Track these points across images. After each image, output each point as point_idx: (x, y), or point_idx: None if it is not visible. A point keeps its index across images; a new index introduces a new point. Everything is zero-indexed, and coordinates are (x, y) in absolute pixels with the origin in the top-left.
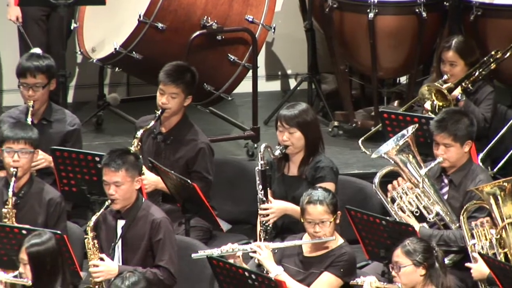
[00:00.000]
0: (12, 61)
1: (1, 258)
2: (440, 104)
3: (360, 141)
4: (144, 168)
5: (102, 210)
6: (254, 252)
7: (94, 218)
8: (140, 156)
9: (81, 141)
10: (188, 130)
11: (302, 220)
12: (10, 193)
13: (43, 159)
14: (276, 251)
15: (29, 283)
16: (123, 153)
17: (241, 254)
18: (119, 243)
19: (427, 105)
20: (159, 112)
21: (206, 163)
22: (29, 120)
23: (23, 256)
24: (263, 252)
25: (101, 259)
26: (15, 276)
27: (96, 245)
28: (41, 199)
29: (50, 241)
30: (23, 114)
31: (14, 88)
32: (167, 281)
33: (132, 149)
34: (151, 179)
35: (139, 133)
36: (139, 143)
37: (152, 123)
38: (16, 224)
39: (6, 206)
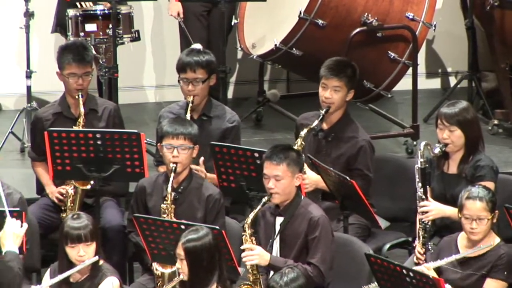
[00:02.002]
0: (173, 56)
1: (160, 253)
2: None
3: None
4: (306, 167)
5: (259, 207)
6: None
7: (251, 216)
8: (303, 154)
9: (240, 138)
10: (349, 127)
11: (459, 216)
12: (169, 189)
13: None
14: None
15: (184, 278)
16: (285, 149)
17: None
18: (277, 239)
19: None
20: (323, 112)
21: (367, 160)
22: (188, 115)
23: (180, 251)
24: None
25: None
26: (173, 272)
27: (254, 242)
28: (200, 195)
29: (207, 236)
30: (183, 109)
31: (175, 83)
32: (316, 279)
33: (295, 147)
34: (312, 178)
35: (303, 133)
36: (303, 142)
37: (316, 122)
38: (174, 219)
39: (165, 202)
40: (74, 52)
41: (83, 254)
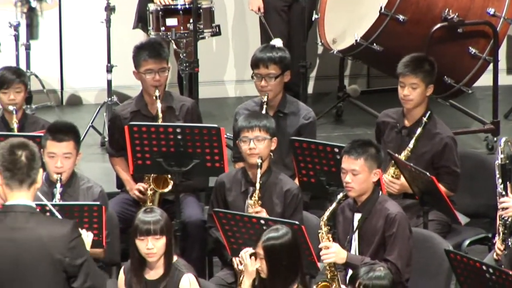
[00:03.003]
0: (254, 51)
1: (239, 248)
2: None
3: None
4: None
5: (334, 204)
6: None
7: (327, 213)
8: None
9: (315, 134)
10: (432, 123)
11: None
12: (257, 185)
13: None
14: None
15: (263, 276)
16: (364, 144)
17: None
18: (355, 236)
19: None
20: (425, 119)
21: (454, 156)
22: (263, 112)
23: (259, 250)
24: None
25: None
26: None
27: (330, 239)
28: (278, 190)
29: (287, 235)
30: (258, 106)
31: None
32: (393, 276)
33: (402, 157)
34: (404, 184)
35: (411, 145)
36: (409, 152)
37: (419, 130)
38: (253, 214)
39: (252, 198)
40: (150, 49)
41: (151, 247)
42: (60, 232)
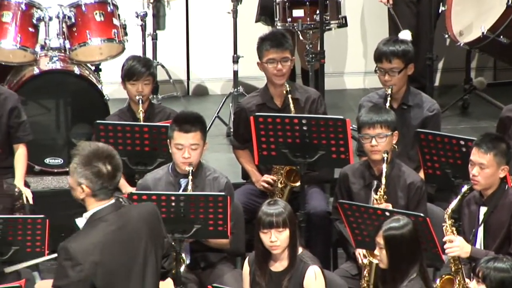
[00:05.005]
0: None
1: (364, 240)
2: None
3: None
4: None
5: (458, 197)
6: None
7: (452, 206)
8: None
9: (440, 126)
10: None
11: None
12: (383, 180)
13: None
14: None
15: (382, 266)
16: (496, 139)
17: None
18: (481, 229)
19: None
20: None
21: None
22: (387, 105)
23: (380, 240)
24: None
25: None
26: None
27: (454, 232)
28: (402, 183)
29: (407, 226)
30: (382, 98)
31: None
32: None
33: None
34: None
35: None
36: None
37: None
38: (377, 206)
39: (378, 193)
40: (272, 39)
41: (275, 240)
42: (151, 211)
